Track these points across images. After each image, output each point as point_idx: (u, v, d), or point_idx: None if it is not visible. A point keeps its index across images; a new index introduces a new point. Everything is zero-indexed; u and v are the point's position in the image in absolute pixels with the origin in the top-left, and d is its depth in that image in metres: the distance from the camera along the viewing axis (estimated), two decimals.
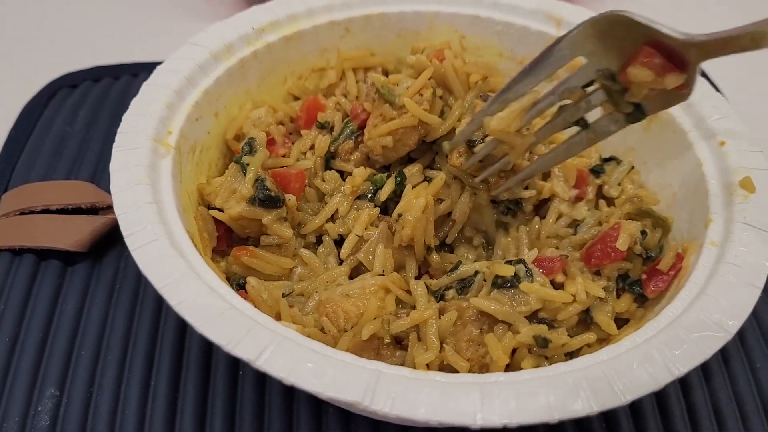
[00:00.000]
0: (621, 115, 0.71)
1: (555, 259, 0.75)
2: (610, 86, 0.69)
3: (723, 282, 0.65)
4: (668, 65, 0.64)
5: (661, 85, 0.65)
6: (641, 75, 0.65)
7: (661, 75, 0.64)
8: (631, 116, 0.70)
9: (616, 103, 0.69)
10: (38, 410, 0.75)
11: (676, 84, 0.65)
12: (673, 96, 0.67)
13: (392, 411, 0.54)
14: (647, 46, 0.64)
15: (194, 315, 0.58)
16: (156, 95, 0.78)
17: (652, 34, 0.64)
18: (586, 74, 0.70)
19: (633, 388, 0.56)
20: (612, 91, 0.69)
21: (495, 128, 0.71)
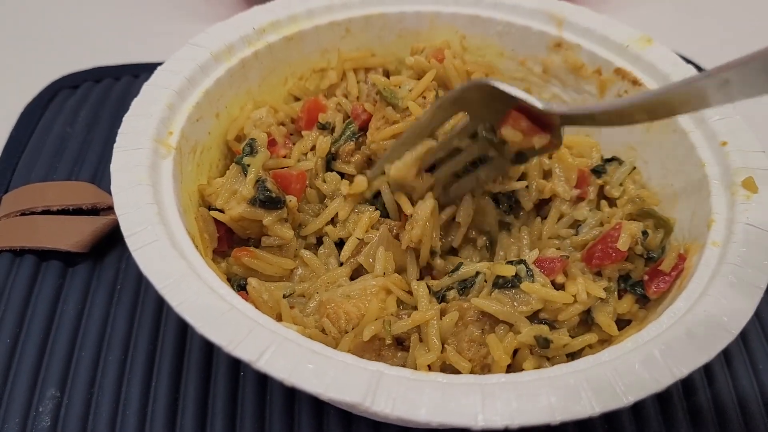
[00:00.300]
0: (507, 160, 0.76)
1: (556, 260, 0.75)
2: (491, 138, 0.75)
3: (725, 283, 0.65)
4: (534, 128, 0.71)
5: (530, 145, 0.71)
6: (511, 135, 0.71)
7: (528, 135, 0.71)
8: (516, 161, 0.76)
9: (500, 151, 0.75)
10: (39, 411, 0.75)
11: (543, 143, 0.71)
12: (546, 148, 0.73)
13: (393, 412, 0.54)
14: (515, 111, 0.71)
15: (195, 316, 0.58)
16: (157, 96, 0.77)
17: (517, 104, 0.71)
18: (473, 126, 0.76)
19: (635, 389, 0.56)
20: (494, 144, 0.75)
21: (394, 176, 0.76)
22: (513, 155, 0.75)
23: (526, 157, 0.75)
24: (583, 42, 0.90)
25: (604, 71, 0.89)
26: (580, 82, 0.92)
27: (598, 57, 0.89)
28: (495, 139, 0.74)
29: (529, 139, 0.71)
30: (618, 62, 0.87)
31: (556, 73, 0.93)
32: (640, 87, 0.85)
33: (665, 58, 0.85)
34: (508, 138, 0.72)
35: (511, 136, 0.71)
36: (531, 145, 0.71)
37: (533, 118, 0.70)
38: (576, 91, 0.93)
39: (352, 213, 0.80)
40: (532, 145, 0.71)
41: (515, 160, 0.76)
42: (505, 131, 0.72)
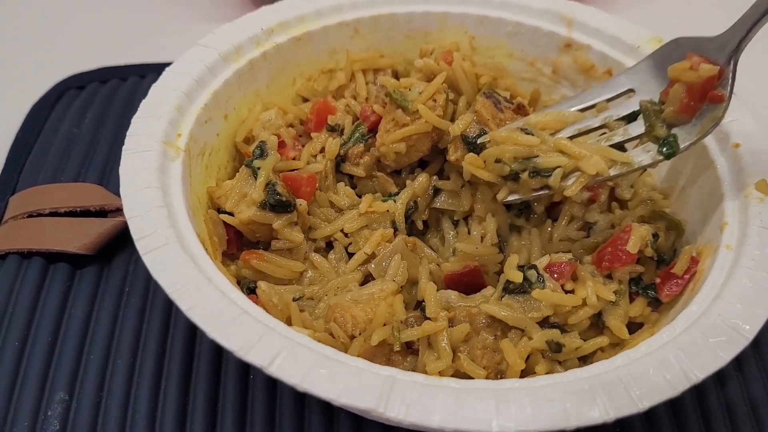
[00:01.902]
0: (654, 146, 0.74)
1: (565, 264, 0.74)
2: (648, 106, 0.73)
3: (739, 286, 0.64)
4: (702, 59, 0.70)
5: (697, 77, 0.69)
6: (680, 66, 0.70)
7: (696, 67, 0.70)
8: (664, 145, 0.73)
9: (653, 125, 0.73)
10: (48, 415, 0.74)
11: (710, 73, 0.69)
12: (707, 117, 0.71)
13: (407, 418, 0.54)
14: (688, 54, 0.72)
15: (206, 320, 0.58)
16: (165, 97, 0.77)
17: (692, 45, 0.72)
18: (631, 105, 0.76)
19: (650, 394, 0.56)
20: (650, 112, 0.73)
21: (533, 120, 0.75)
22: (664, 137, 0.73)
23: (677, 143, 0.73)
24: (594, 42, 0.90)
25: (614, 72, 0.88)
26: (590, 82, 0.91)
27: (608, 57, 0.89)
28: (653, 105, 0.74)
29: (696, 72, 0.70)
30: (629, 63, 0.86)
31: (566, 73, 0.93)
32: None
33: None
34: (676, 71, 0.71)
35: (680, 67, 0.70)
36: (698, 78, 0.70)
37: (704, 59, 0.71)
38: None
39: (365, 228, 0.80)
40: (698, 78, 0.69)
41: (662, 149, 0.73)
42: (674, 67, 0.71)
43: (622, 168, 0.73)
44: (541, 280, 0.72)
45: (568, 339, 0.71)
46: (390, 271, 0.74)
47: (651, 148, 0.74)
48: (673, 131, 0.73)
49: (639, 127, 0.75)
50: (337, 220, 0.80)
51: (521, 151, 0.74)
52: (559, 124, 0.76)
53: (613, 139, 0.75)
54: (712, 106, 0.71)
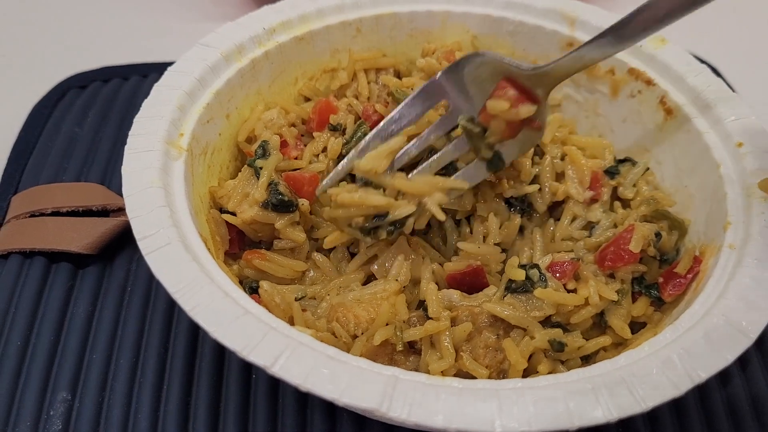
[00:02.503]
0: (482, 163, 0.76)
1: (567, 263, 0.74)
2: (471, 129, 0.74)
3: (742, 285, 0.64)
4: (521, 97, 0.72)
5: (516, 116, 0.71)
6: (498, 106, 0.71)
7: (515, 105, 0.71)
8: (491, 164, 0.76)
9: (477, 147, 0.75)
10: (50, 414, 0.74)
11: (529, 113, 0.71)
12: (528, 138, 0.75)
13: (410, 418, 0.54)
14: (503, 81, 0.73)
15: (209, 320, 0.58)
16: (167, 97, 0.77)
17: (506, 69, 0.73)
18: (450, 120, 0.76)
19: (653, 394, 0.56)
20: (473, 135, 0.74)
21: (363, 168, 0.72)
22: (490, 157, 0.75)
23: (502, 160, 0.75)
24: None
25: (617, 71, 0.88)
26: (593, 82, 0.91)
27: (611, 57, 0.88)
28: (475, 127, 0.74)
29: (516, 110, 0.71)
30: (632, 62, 0.86)
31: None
32: (654, 87, 0.85)
33: (679, 58, 0.85)
34: (494, 109, 0.71)
35: (498, 106, 0.71)
36: (517, 117, 0.71)
37: (519, 89, 0.72)
38: (589, 91, 0.92)
39: None
40: (518, 117, 0.71)
41: (490, 165, 0.76)
42: (492, 103, 0.72)
43: (458, 193, 0.76)
44: (543, 279, 0.72)
45: (570, 338, 0.71)
46: (393, 271, 0.74)
47: (479, 166, 0.76)
48: (496, 148, 0.75)
49: (463, 146, 0.76)
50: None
51: (371, 212, 0.74)
52: (385, 162, 0.73)
53: (443, 161, 0.77)
54: (530, 131, 0.75)
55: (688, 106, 0.82)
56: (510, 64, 0.73)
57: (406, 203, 0.72)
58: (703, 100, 0.81)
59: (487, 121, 0.74)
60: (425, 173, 0.76)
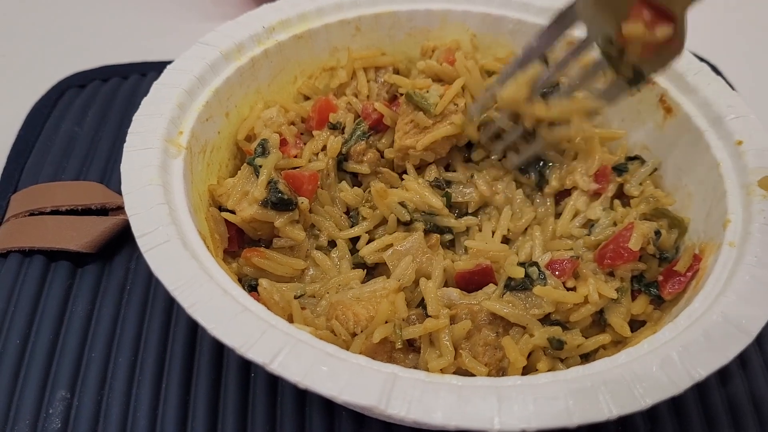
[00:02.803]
0: (623, 81, 0.75)
1: (567, 261, 0.74)
2: (609, 51, 0.73)
3: (742, 283, 0.64)
4: (657, 18, 0.68)
5: (653, 38, 0.69)
6: (634, 29, 0.69)
7: (651, 28, 0.68)
8: (633, 80, 0.74)
9: (617, 68, 0.74)
10: (49, 413, 0.74)
11: (666, 35, 0.68)
12: (666, 54, 0.71)
13: (408, 415, 0.54)
14: (638, 3, 0.69)
15: (207, 317, 0.58)
16: (167, 95, 0.77)
17: None
18: (587, 43, 0.75)
19: (653, 391, 0.56)
20: (611, 57, 0.73)
21: (505, 97, 0.76)
22: (631, 76, 0.74)
23: (643, 76, 0.73)
24: None
25: None
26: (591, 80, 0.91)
27: None
28: (613, 49, 0.73)
29: (652, 33, 0.68)
30: None
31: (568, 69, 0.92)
32: (653, 86, 0.85)
33: None
34: (630, 33, 0.69)
35: (634, 30, 0.69)
36: (654, 39, 0.69)
37: (654, 9, 0.69)
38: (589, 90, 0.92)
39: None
40: (654, 39, 0.69)
41: (631, 82, 0.74)
42: (627, 27, 0.69)
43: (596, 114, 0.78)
44: (542, 277, 0.72)
45: (569, 336, 0.71)
46: (397, 271, 0.74)
47: (620, 85, 0.75)
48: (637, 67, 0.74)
49: (603, 67, 0.75)
50: (354, 228, 0.81)
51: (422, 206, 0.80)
52: (525, 89, 0.77)
53: (583, 83, 0.78)
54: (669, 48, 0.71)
55: (687, 104, 0.82)
56: None
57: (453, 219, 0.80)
58: (703, 98, 0.81)
59: (625, 43, 0.72)
60: (564, 98, 0.78)
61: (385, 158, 0.85)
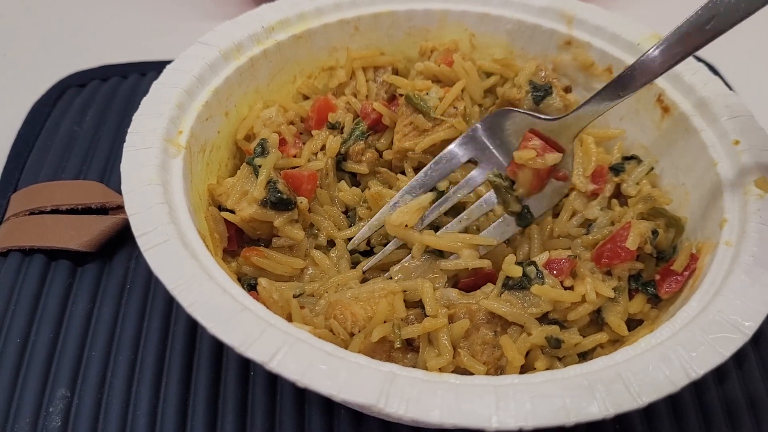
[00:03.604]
0: (512, 217, 0.79)
1: (564, 260, 0.74)
2: (499, 183, 0.79)
3: (739, 282, 0.64)
4: (546, 147, 0.76)
5: (543, 164, 0.75)
6: (525, 155, 0.75)
7: (541, 155, 0.75)
8: (521, 217, 0.79)
9: (506, 201, 0.79)
10: (49, 411, 0.75)
11: (555, 161, 0.76)
12: (555, 190, 0.79)
13: (407, 413, 0.54)
14: (528, 132, 0.77)
15: (207, 316, 0.58)
16: (166, 95, 0.77)
17: (530, 122, 0.78)
18: (478, 177, 0.80)
19: (649, 390, 0.56)
20: (501, 188, 0.79)
21: (394, 222, 0.76)
22: (519, 211, 0.78)
23: (531, 214, 0.79)
24: (594, 40, 0.90)
25: (614, 69, 0.89)
26: (590, 80, 0.92)
27: (608, 55, 0.89)
28: (504, 181, 0.78)
29: (542, 159, 0.75)
30: (629, 60, 0.87)
31: (566, 71, 0.93)
32: (651, 85, 0.84)
33: None
34: (522, 159, 0.75)
35: (526, 155, 0.75)
36: (544, 165, 0.75)
37: (544, 140, 0.77)
38: (586, 89, 0.93)
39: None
40: (544, 165, 0.75)
41: (519, 220, 0.79)
42: (519, 154, 0.75)
43: (485, 250, 0.77)
44: (540, 276, 0.72)
45: (567, 335, 0.71)
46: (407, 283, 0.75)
47: (509, 221, 0.79)
48: (524, 202, 0.79)
49: (491, 201, 0.80)
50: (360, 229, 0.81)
51: None
52: (419, 213, 0.77)
53: (472, 216, 0.80)
54: (557, 182, 0.79)
55: (685, 104, 0.82)
56: (534, 116, 0.78)
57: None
58: (700, 98, 0.81)
59: (515, 174, 0.78)
60: (454, 230, 0.79)
61: (384, 158, 0.86)
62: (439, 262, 0.76)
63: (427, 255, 0.76)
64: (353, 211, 0.83)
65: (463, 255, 0.75)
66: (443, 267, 0.75)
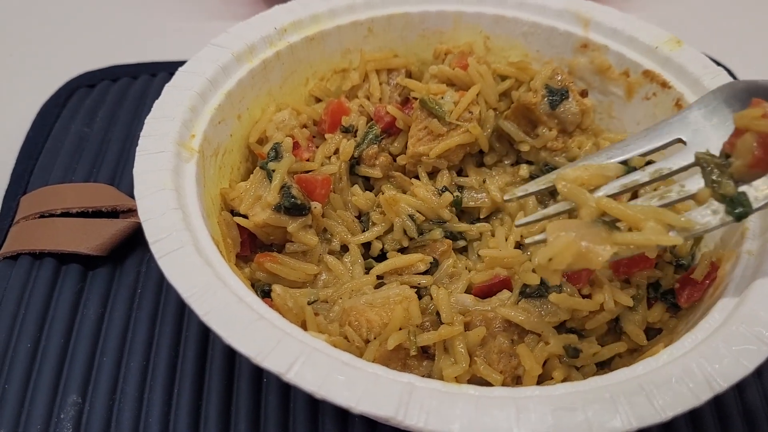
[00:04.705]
0: (720, 205, 0.62)
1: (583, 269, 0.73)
2: (709, 159, 0.62)
3: (762, 293, 0.63)
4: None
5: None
6: (749, 113, 0.60)
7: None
8: (732, 204, 0.61)
9: (716, 181, 0.62)
10: (60, 418, 0.74)
11: None
12: None
13: (426, 426, 0.53)
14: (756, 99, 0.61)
15: (223, 325, 0.57)
16: (179, 98, 0.76)
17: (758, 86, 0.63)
18: (682, 157, 0.66)
19: (673, 403, 0.55)
20: (711, 165, 0.62)
21: (568, 176, 0.65)
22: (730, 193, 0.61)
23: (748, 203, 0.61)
24: (611, 43, 0.89)
25: (631, 73, 0.87)
26: (606, 83, 0.91)
27: (625, 58, 0.88)
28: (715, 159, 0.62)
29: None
30: (647, 64, 0.86)
31: (582, 74, 0.92)
32: (669, 90, 0.84)
33: (695, 61, 0.84)
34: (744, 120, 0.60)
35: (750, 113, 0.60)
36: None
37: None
38: (602, 93, 0.92)
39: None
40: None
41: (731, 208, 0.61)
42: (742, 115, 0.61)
43: (680, 234, 0.61)
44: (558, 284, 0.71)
45: (585, 344, 0.70)
46: None
47: (717, 208, 0.62)
48: (740, 188, 0.62)
49: (697, 183, 0.64)
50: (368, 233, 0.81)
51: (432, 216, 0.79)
52: (600, 180, 0.66)
53: (667, 197, 0.65)
54: None
55: None
56: (761, 83, 0.64)
57: None
58: None
59: (733, 148, 0.62)
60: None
61: (398, 163, 0.85)
62: (613, 234, 0.60)
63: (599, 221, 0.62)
64: (366, 215, 0.82)
65: (646, 228, 0.59)
66: (620, 240, 0.59)
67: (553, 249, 0.57)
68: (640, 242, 0.59)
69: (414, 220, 0.79)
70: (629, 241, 0.59)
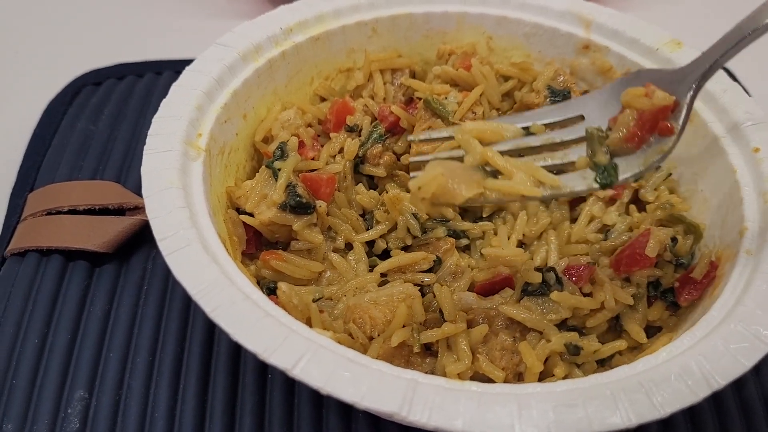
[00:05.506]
0: (592, 173, 0.68)
1: (584, 267, 0.74)
2: (594, 132, 0.68)
3: (760, 292, 0.64)
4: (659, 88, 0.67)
5: (651, 105, 0.66)
6: (633, 92, 0.67)
7: (650, 95, 0.67)
8: (603, 174, 0.67)
9: (594, 150, 0.68)
10: (68, 413, 0.75)
11: (665, 102, 0.66)
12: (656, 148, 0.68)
13: (430, 422, 0.54)
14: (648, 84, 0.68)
15: (230, 322, 0.58)
16: (185, 97, 0.77)
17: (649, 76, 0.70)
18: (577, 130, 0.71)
19: (672, 400, 0.56)
20: (594, 137, 0.68)
21: (466, 127, 0.67)
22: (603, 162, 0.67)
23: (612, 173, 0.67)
24: (612, 44, 0.90)
25: None
26: None
27: (627, 59, 0.89)
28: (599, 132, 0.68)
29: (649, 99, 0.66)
30: (648, 65, 0.86)
31: (584, 75, 0.93)
32: None
33: None
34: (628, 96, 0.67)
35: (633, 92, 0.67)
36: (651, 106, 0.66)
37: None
38: None
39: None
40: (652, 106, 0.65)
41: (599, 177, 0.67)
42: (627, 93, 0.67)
43: (547, 191, 0.66)
44: (559, 282, 0.72)
45: (586, 342, 0.71)
46: None
47: (588, 175, 0.68)
48: (614, 160, 0.68)
49: (579, 152, 0.69)
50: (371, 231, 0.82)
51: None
52: (495, 136, 0.69)
53: (548, 161, 0.69)
54: (660, 139, 0.67)
55: (704, 110, 0.82)
56: (660, 71, 0.71)
57: None
58: (720, 104, 0.80)
59: (614, 122, 0.68)
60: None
61: (402, 162, 0.85)
62: (486, 180, 0.64)
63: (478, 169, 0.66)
64: (370, 214, 0.83)
65: (515, 178, 0.64)
66: (488, 185, 0.64)
67: (423, 179, 0.61)
68: (505, 189, 0.64)
69: (417, 219, 0.80)
70: (497, 187, 0.63)
